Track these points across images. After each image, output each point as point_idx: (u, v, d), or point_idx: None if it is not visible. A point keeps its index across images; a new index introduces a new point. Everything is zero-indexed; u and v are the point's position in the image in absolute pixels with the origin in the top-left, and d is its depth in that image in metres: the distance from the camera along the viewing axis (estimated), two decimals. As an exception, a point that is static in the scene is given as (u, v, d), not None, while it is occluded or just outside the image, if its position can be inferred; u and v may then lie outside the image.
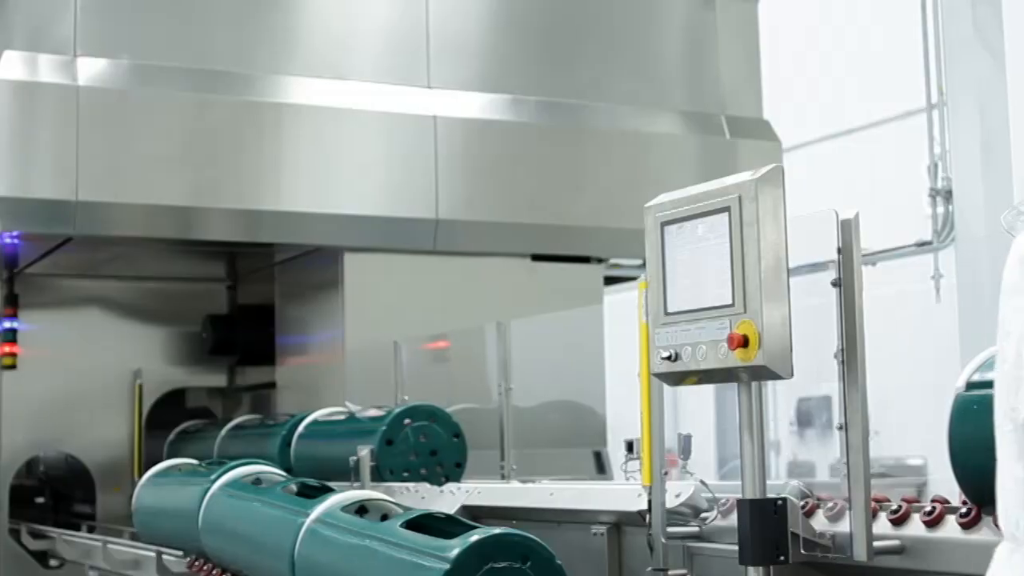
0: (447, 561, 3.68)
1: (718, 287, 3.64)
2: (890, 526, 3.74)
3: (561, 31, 9.51)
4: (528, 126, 9.24)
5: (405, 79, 8.94)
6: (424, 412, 6.89)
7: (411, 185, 8.84)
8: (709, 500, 4.54)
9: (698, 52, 10.03)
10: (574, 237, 9.35)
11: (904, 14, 12.66)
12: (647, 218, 3.93)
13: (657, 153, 9.61)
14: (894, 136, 14.95)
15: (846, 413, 3.71)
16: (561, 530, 5.19)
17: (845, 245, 3.74)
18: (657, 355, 3.84)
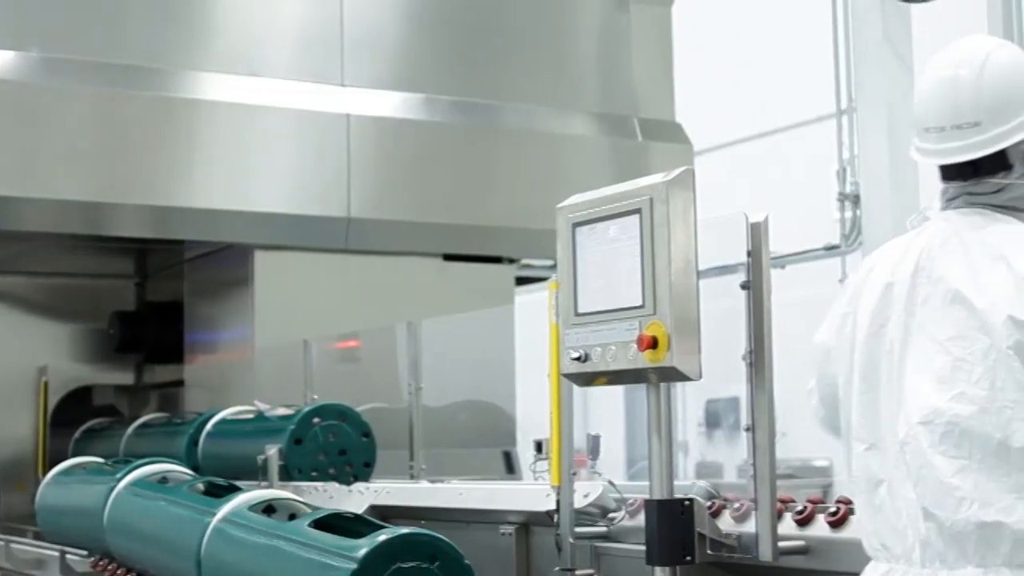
0: (354, 561, 3.67)
1: (628, 288, 3.65)
2: (795, 526, 3.78)
3: (476, 31, 9.51)
4: (441, 126, 9.22)
5: (319, 77, 8.90)
6: (333, 411, 6.86)
7: (323, 183, 8.80)
8: (617, 500, 4.56)
9: (612, 54, 10.07)
10: (486, 237, 9.35)
11: (816, 20, 12.79)
12: (559, 219, 3.93)
13: (570, 154, 9.63)
14: (805, 140, 15.09)
15: (753, 415, 3.74)
16: (470, 530, 5.19)
17: (754, 248, 3.77)
18: (567, 356, 3.85)
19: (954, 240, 2.83)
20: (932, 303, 2.78)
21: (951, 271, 2.78)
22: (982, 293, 2.70)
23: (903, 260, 2.92)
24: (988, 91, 2.83)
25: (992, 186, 2.85)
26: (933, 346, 2.75)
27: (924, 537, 2.72)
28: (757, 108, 16.25)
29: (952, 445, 2.67)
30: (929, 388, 2.73)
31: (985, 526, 2.63)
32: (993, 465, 2.63)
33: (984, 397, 2.65)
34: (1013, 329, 2.64)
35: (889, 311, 2.87)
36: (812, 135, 14.32)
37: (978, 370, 2.66)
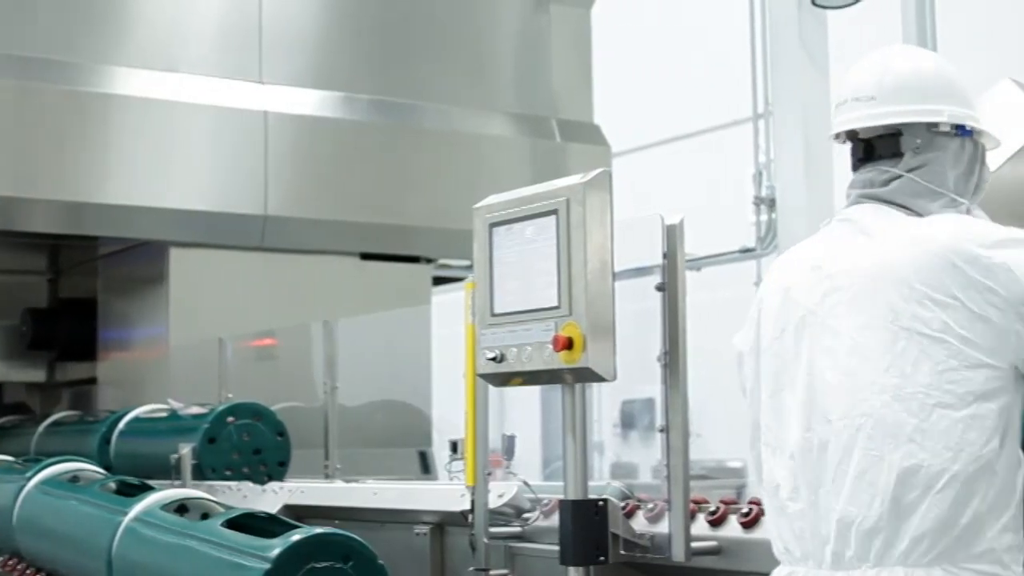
0: (267, 561, 3.65)
1: (544, 289, 3.65)
2: (708, 527, 3.80)
3: (395, 30, 9.49)
4: (360, 124, 9.20)
5: (236, 73, 8.84)
6: (248, 410, 6.82)
7: (240, 181, 8.75)
8: (532, 501, 4.57)
9: (531, 56, 10.09)
10: (403, 236, 9.34)
11: (735, 25, 12.89)
12: (476, 219, 3.93)
13: (488, 155, 9.63)
14: (722, 144, 15.20)
15: (668, 416, 3.77)
16: (384, 530, 5.18)
17: (670, 250, 3.79)
18: (483, 356, 3.85)
19: (853, 234, 2.87)
20: (834, 299, 2.81)
21: (851, 265, 2.81)
22: (883, 283, 2.73)
23: (804, 261, 2.95)
24: (891, 74, 2.93)
25: (882, 174, 2.90)
26: (838, 341, 2.77)
27: (827, 537, 2.74)
28: (675, 111, 16.34)
29: (867, 439, 2.69)
30: (841, 384, 2.75)
31: (894, 521, 2.65)
32: (908, 455, 2.64)
33: (896, 385, 2.67)
34: (921, 311, 2.67)
35: (791, 313, 2.90)
36: (729, 139, 14.42)
37: (887, 359, 2.68)
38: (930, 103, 2.90)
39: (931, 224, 2.79)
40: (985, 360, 2.64)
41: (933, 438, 2.63)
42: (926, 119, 2.89)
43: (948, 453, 2.62)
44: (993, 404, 2.64)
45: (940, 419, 2.63)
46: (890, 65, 2.96)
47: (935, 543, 2.62)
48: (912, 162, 2.89)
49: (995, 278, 2.65)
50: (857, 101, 2.94)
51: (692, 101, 16.03)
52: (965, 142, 2.95)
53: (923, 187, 2.88)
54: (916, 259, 2.71)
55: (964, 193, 2.94)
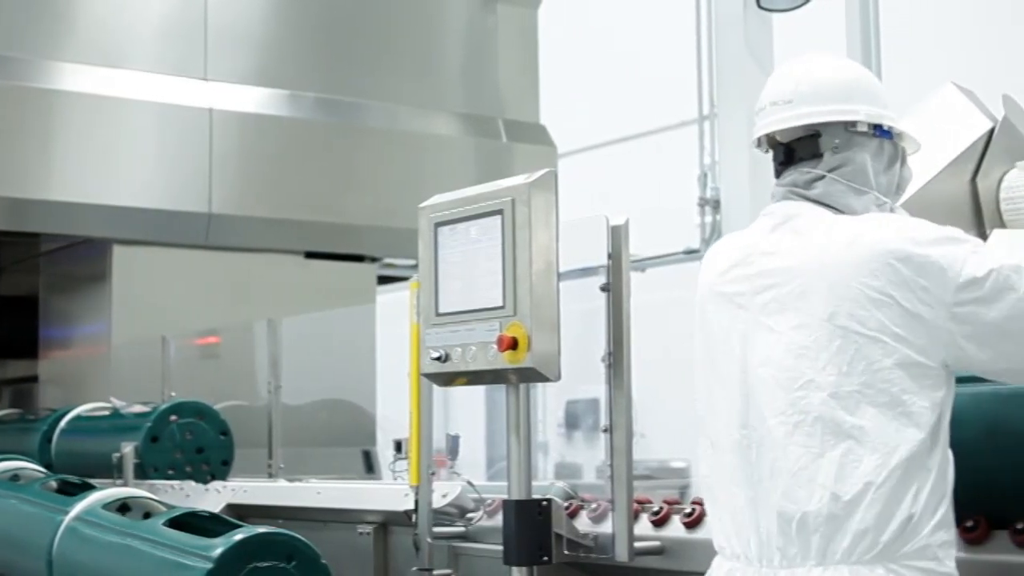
0: (210, 560, 3.63)
1: (489, 289, 3.65)
2: (651, 527, 3.82)
3: (342, 29, 9.47)
4: (305, 122, 9.17)
5: (181, 70, 8.80)
6: (191, 409, 6.80)
7: (184, 178, 8.70)
8: (475, 500, 4.57)
9: (477, 55, 10.09)
10: (348, 235, 9.32)
11: (681, 27, 12.93)
12: (421, 219, 3.93)
13: (434, 154, 9.63)
14: (668, 145, 15.24)
15: (612, 416, 3.78)
16: (328, 529, 5.17)
17: (615, 251, 3.80)
18: (427, 355, 3.84)
19: (783, 231, 2.89)
20: (767, 296, 2.83)
21: (784, 263, 2.83)
22: (819, 282, 2.75)
23: (734, 258, 2.97)
24: (807, 78, 2.98)
25: (804, 175, 2.94)
26: (774, 339, 2.79)
27: (767, 534, 2.76)
28: (621, 112, 16.38)
29: (805, 435, 2.71)
30: (776, 381, 2.77)
31: (833, 518, 2.67)
32: (847, 450, 2.67)
33: (833, 382, 2.69)
34: (857, 310, 2.69)
35: (723, 310, 2.92)
36: (674, 140, 14.46)
37: (823, 356, 2.70)
38: (846, 103, 2.94)
39: (865, 222, 2.82)
40: (918, 358, 2.67)
41: (870, 435, 2.66)
42: (842, 118, 2.93)
43: (885, 449, 2.65)
44: (927, 402, 2.68)
45: (876, 416, 2.66)
46: (806, 70, 3.01)
47: (876, 540, 2.65)
48: (832, 161, 2.93)
49: (928, 276, 2.68)
50: (775, 106, 2.98)
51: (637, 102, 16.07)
52: (884, 143, 2.98)
53: (846, 186, 2.92)
54: (851, 258, 2.73)
55: (888, 192, 2.98)
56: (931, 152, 3.95)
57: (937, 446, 2.69)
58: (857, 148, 2.94)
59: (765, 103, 3.02)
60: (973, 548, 3.00)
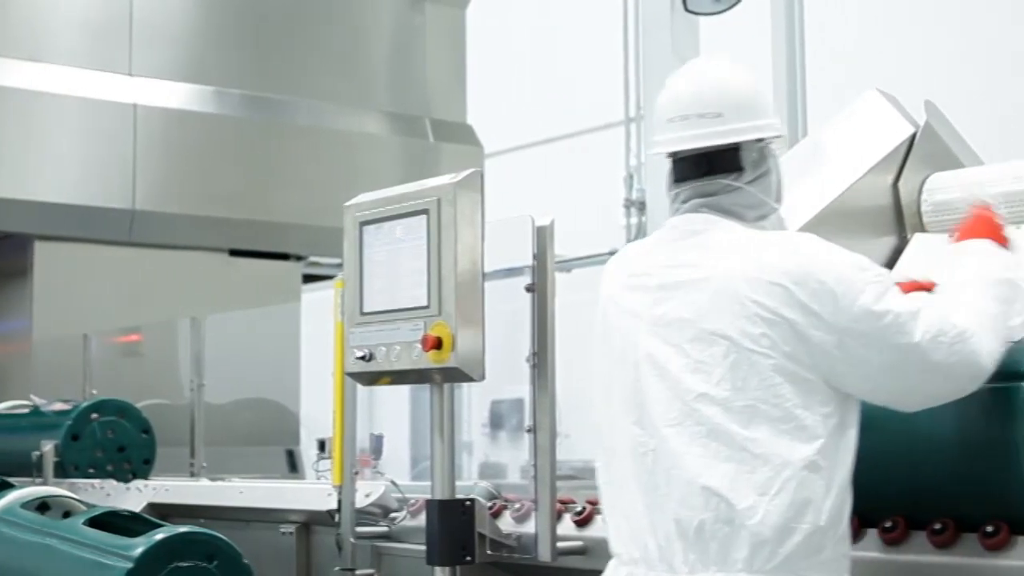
0: (130, 560, 3.61)
1: (414, 289, 3.65)
2: (574, 527, 3.83)
3: (269, 25, 9.43)
4: (231, 119, 9.12)
5: (105, 65, 8.73)
6: (113, 407, 6.74)
7: (108, 174, 8.63)
8: (399, 500, 4.57)
9: (405, 54, 10.08)
10: (273, 233, 9.28)
11: (609, 29, 12.97)
12: (346, 217, 3.92)
13: (361, 153, 9.61)
14: (595, 146, 15.28)
15: (536, 416, 3.78)
16: (250, 529, 5.15)
17: (540, 251, 3.81)
18: (351, 355, 3.83)
19: (688, 245, 2.91)
20: (665, 308, 2.85)
21: (685, 277, 2.85)
22: (717, 298, 2.78)
23: (635, 268, 2.98)
24: (733, 89, 2.97)
25: (723, 187, 2.95)
26: (671, 351, 2.82)
27: (666, 540, 2.78)
28: (548, 113, 16.41)
29: (701, 446, 2.74)
30: (672, 392, 2.80)
31: (729, 526, 2.70)
32: (741, 462, 2.70)
33: (726, 397, 2.72)
34: (751, 327, 2.72)
35: (621, 319, 2.94)
36: (601, 141, 14.50)
37: (718, 371, 2.73)
38: (764, 118, 2.96)
39: (767, 242, 2.85)
40: (807, 376, 2.71)
41: (763, 447, 2.70)
42: (766, 134, 2.96)
43: (778, 461, 2.69)
44: (818, 417, 2.72)
45: (769, 430, 2.70)
46: (731, 81, 2.99)
47: (775, 551, 2.69)
48: (751, 174, 2.95)
49: (821, 302, 2.71)
50: (702, 118, 2.94)
51: (564, 104, 16.10)
52: (773, 150, 3.02)
53: (759, 198, 2.95)
54: (749, 277, 2.76)
55: (777, 199, 3.02)
56: (854, 157, 3.99)
57: (839, 460, 2.74)
58: (767, 159, 2.98)
59: (687, 113, 2.96)
60: (892, 548, 3.04)
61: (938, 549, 2.98)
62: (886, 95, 4.11)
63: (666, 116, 3.00)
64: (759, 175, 2.95)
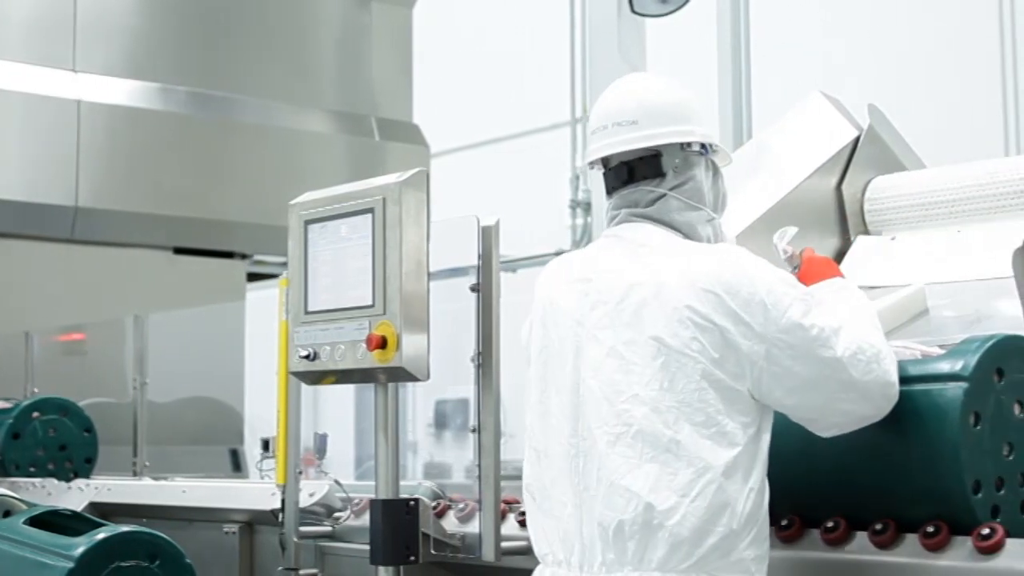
0: (71, 560, 3.59)
1: (359, 288, 3.65)
2: (518, 527, 3.83)
3: (215, 23, 9.39)
4: (176, 116, 9.08)
5: (49, 60, 8.66)
6: (54, 405, 6.69)
7: (50, 171, 8.57)
8: (343, 500, 4.56)
9: (352, 54, 10.06)
10: (218, 231, 9.24)
11: (556, 30, 12.99)
12: (291, 216, 3.91)
13: (306, 151, 9.58)
14: (541, 147, 15.31)
15: (480, 416, 3.79)
16: (193, 528, 5.13)
17: (485, 251, 3.81)
18: (296, 353, 3.83)
19: (624, 252, 2.96)
20: (601, 311, 2.90)
21: (622, 282, 2.90)
22: (652, 302, 2.83)
23: (574, 274, 3.03)
24: (652, 98, 3.05)
25: (647, 194, 3.01)
26: (605, 353, 2.86)
27: (589, 541, 2.82)
28: (495, 113, 16.42)
29: (626, 446, 2.79)
30: (604, 393, 2.84)
31: (648, 527, 2.75)
32: (664, 463, 2.76)
33: (654, 397, 2.78)
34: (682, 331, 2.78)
35: (559, 323, 2.98)
36: (548, 142, 14.52)
37: (648, 372, 2.79)
38: (684, 124, 3.02)
39: (701, 252, 2.92)
40: (731, 384, 2.78)
41: (686, 449, 2.76)
42: (685, 139, 3.02)
43: (700, 464, 2.75)
44: (739, 424, 2.78)
45: (692, 433, 2.76)
46: (644, 89, 3.08)
47: (691, 552, 2.75)
48: (674, 181, 3.02)
49: (752, 312, 2.78)
50: (618, 127, 3.03)
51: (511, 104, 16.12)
52: (708, 160, 3.08)
53: (685, 204, 3.01)
54: (683, 282, 2.82)
55: (715, 207, 3.09)
56: (798, 159, 4.02)
57: (755, 466, 2.81)
58: (692, 167, 3.03)
59: (607, 123, 3.05)
60: (788, 546, 3.10)
61: (830, 546, 3.05)
62: (830, 98, 4.15)
63: (591, 128, 3.10)
64: (683, 181, 3.02)
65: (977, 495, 2.88)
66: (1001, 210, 3.79)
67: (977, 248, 3.74)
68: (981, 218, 3.83)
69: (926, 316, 3.51)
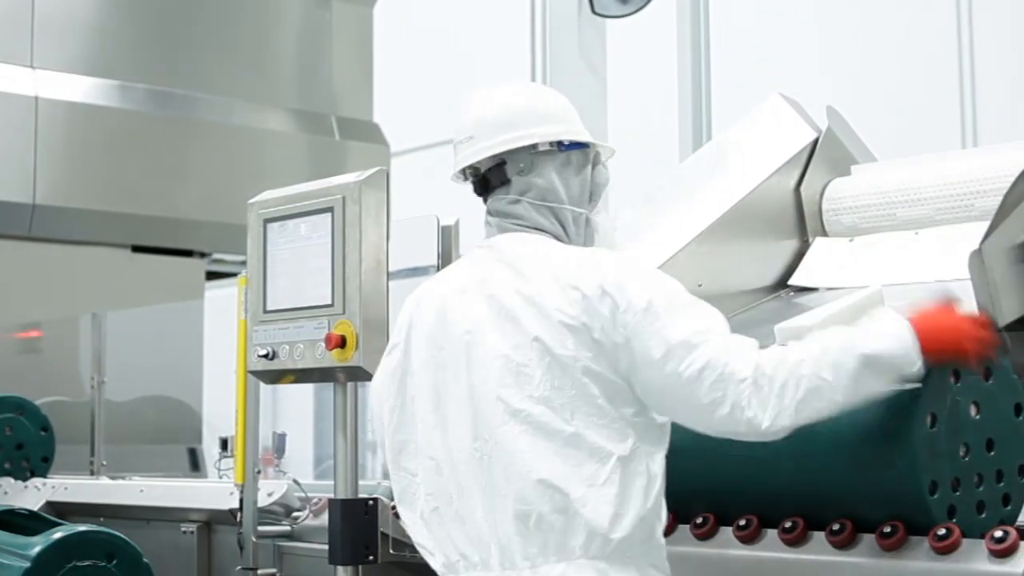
0: (27, 559, 3.58)
1: (318, 287, 3.65)
2: (477, 527, 3.83)
3: (175, 20, 9.34)
4: (135, 114, 9.03)
5: (6, 57, 8.60)
6: (10, 404, 6.64)
7: (7, 168, 8.50)
8: (302, 499, 4.56)
9: (312, 52, 10.03)
10: (177, 229, 9.20)
11: (516, 30, 13.00)
12: (250, 214, 3.91)
13: (266, 150, 9.56)
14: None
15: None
16: (151, 528, 5.11)
17: (444, 250, 3.82)
18: (254, 353, 3.82)
19: (497, 262, 3.03)
20: (487, 320, 2.95)
21: (501, 291, 2.96)
22: (529, 309, 2.90)
23: (455, 286, 3.08)
24: (485, 111, 3.14)
25: (502, 202, 3.09)
26: (497, 359, 2.91)
27: (506, 539, 2.86)
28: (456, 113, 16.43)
29: (528, 444, 2.84)
30: (499, 395, 2.88)
31: (565, 515, 2.80)
32: (568, 456, 2.82)
33: (547, 396, 2.84)
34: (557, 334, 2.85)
35: (448, 333, 3.01)
36: (508, 142, 14.54)
37: (538, 374, 2.85)
38: (518, 130, 3.09)
39: (569, 254, 2.99)
40: (612, 378, 2.84)
41: (586, 441, 2.82)
42: (513, 145, 3.08)
43: (601, 454, 2.82)
44: (628, 414, 2.85)
45: (587, 426, 2.83)
46: (480, 103, 3.18)
47: (608, 538, 2.81)
48: (520, 184, 3.09)
49: (606, 305, 2.83)
50: (460, 144, 3.14)
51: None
52: (571, 155, 3.14)
53: (539, 205, 3.08)
54: (552, 287, 2.89)
55: (580, 201, 3.14)
56: (757, 160, 4.04)
57: (653, 451, 2.88)
58: (541, 167, 3.09)
59: (454, 141, 3.15)
60: (702, 543, 3.21)
61: (742, 543, 3.12)
62: (789, 100, 4.17)
63: (453, 142, 3.19)
64: (531, 184, 3.08)
65: (934, 496, 2.90)
66: (958, 212, 3.81)
67: (934, 250, 3.77)
68: (938, 221, 3.85)
69: (883, 317, 3.53)
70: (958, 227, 3.75)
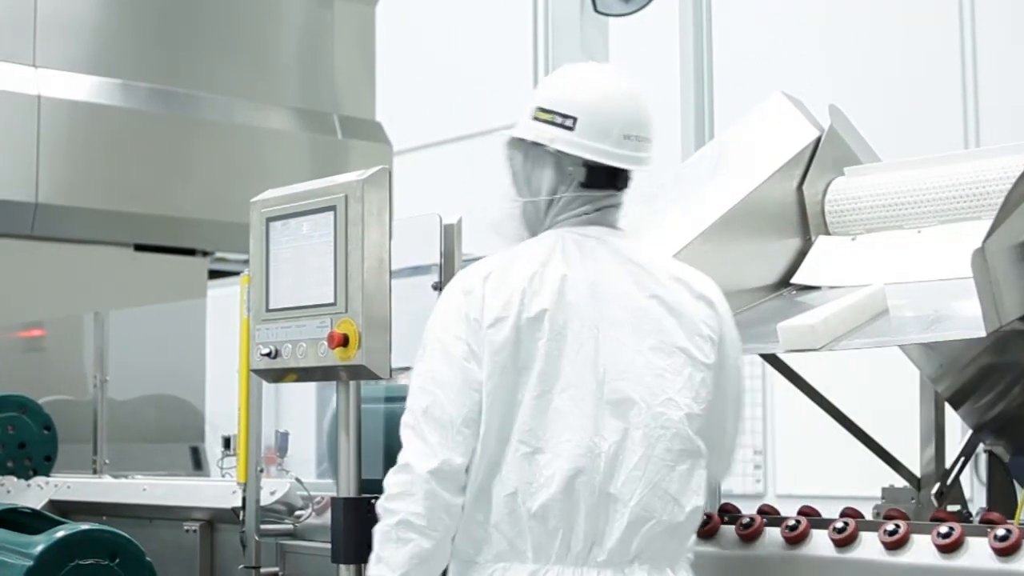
0: (30, 558, 3.58)
1: (320, 286, 3.65)
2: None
3: (177, 19, 9.34)
4: (138, 113, 9.03)
5: (8, 55, 8.60)
6: (13, 403, 6.64)
7: (10, 167, 8.50)
8: (304, 498, 4.56)
9: (314, 50, 10.03)
10: (179, 228, 9.20)
11: (519, 28, 13.00)
12: (252, 213, 3.91)
13: (268, 148, 9.55)
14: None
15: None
16: (153, 527, 5.12)
17: (447, 249, 3.82)
18: (257, 351, 3.82)
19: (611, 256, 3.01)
20: (615, 316, 2.90)
21: (623, 290, 2.96)
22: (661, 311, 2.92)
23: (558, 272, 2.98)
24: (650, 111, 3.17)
25: (619, 200, 3.13)
26: (633, 353, 2.89)
27: (605, 536, 2.82)
28: (458, 111, 16.42)
29: (664, 449, 2.85)
30: (640, 397, 2.88)
31: (671, 526, 2.85)
32: (690, 467, 2.89)
33: (688, 404, 2.90)
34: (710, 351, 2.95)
35: (570, 315, 2.92)
36: (510, 141, 14.52)
37: (679, 380, 2.89)
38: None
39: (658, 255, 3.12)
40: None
41: (702, 452, 2.91)
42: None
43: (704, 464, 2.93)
44: None
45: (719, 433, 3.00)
46: (647, 102, 3.21)
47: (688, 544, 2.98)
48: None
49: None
50: (648, 141, 3.16)
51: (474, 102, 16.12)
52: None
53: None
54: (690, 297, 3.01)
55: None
56: (759, 159, 4.04)
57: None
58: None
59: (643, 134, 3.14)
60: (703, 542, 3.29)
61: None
62: (791, 98, 4.16)
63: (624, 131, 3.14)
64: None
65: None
66: (961, 211, 3.81)
67: (937, 249, 3.77)
68: (941, 219, 3.85)
69: (886, 316, 3.53)
70: (961, 226, 3.75)
